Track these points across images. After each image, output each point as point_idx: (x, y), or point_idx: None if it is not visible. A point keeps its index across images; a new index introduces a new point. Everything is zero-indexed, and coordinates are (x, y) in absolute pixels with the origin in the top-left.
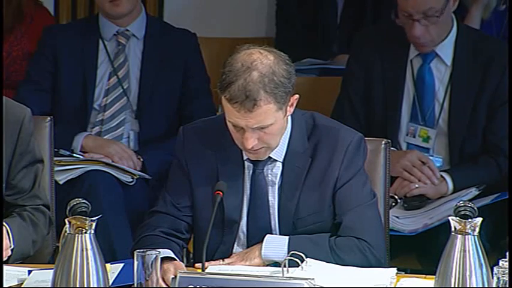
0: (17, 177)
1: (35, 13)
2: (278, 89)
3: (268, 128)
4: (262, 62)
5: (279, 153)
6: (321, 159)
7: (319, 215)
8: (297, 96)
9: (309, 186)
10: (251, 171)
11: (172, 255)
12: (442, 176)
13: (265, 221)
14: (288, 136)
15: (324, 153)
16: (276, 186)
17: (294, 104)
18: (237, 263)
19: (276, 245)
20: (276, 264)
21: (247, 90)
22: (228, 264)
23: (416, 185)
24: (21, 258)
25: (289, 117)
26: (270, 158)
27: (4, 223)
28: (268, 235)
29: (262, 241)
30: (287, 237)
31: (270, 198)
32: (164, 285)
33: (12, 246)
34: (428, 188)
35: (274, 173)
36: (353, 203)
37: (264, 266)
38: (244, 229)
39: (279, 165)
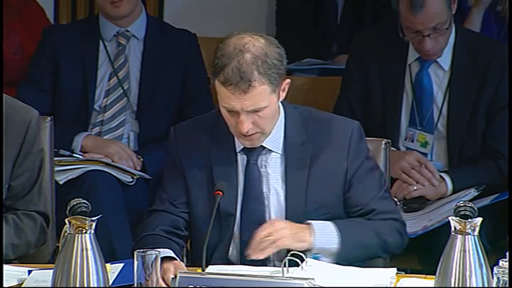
0: (18, 180)
1: (23, 6)
2: (271, 70)
3: (262, 111)
4: (254, 44)
5: (273, 143)
6: (324, 151)
7: (328, 207)
8: (288, 80)
9: (314, 178)
10: (245, 163)
11: (173, 254)
12: (441, 177)
13: (259, 212)
14: (283, 127)
15: (325, 145)
16: (280, 181)
17: (286, 89)
18: (285, 241)
19: (326, 233)
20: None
21: (242, 71)
22: (275, 241)
23: (415, 187)
24: None
25: (281, 109)
26: (263, 148)
27: None
28: (312, 222)
29: (308, 226)
30: (331, 223)
31: (264, 189)
32: (164, 285)
33: None
34: (427, 189)
35: (269, 164)
36: (375, 188)
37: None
38: (238, 221)
39: (275, 156)
